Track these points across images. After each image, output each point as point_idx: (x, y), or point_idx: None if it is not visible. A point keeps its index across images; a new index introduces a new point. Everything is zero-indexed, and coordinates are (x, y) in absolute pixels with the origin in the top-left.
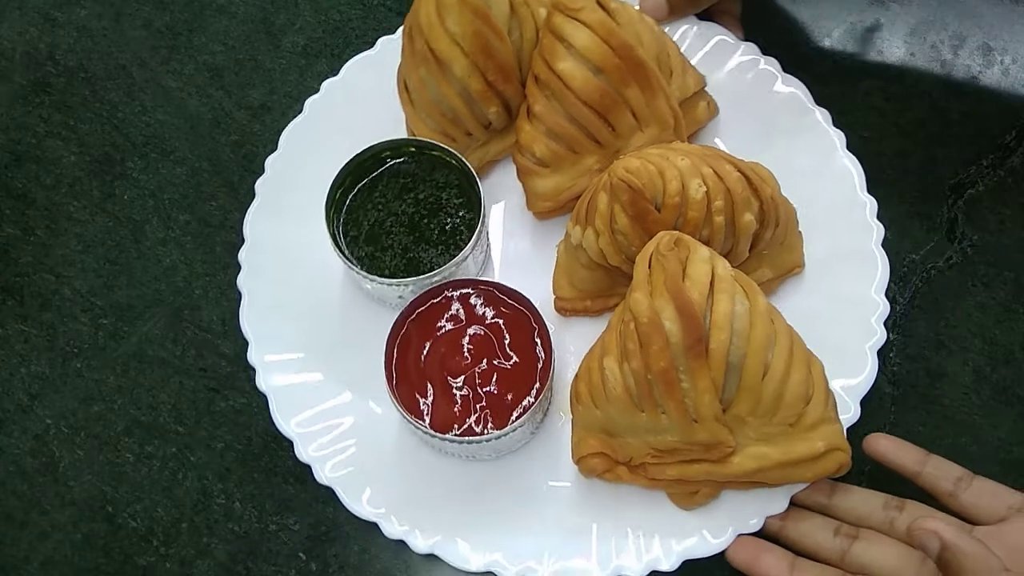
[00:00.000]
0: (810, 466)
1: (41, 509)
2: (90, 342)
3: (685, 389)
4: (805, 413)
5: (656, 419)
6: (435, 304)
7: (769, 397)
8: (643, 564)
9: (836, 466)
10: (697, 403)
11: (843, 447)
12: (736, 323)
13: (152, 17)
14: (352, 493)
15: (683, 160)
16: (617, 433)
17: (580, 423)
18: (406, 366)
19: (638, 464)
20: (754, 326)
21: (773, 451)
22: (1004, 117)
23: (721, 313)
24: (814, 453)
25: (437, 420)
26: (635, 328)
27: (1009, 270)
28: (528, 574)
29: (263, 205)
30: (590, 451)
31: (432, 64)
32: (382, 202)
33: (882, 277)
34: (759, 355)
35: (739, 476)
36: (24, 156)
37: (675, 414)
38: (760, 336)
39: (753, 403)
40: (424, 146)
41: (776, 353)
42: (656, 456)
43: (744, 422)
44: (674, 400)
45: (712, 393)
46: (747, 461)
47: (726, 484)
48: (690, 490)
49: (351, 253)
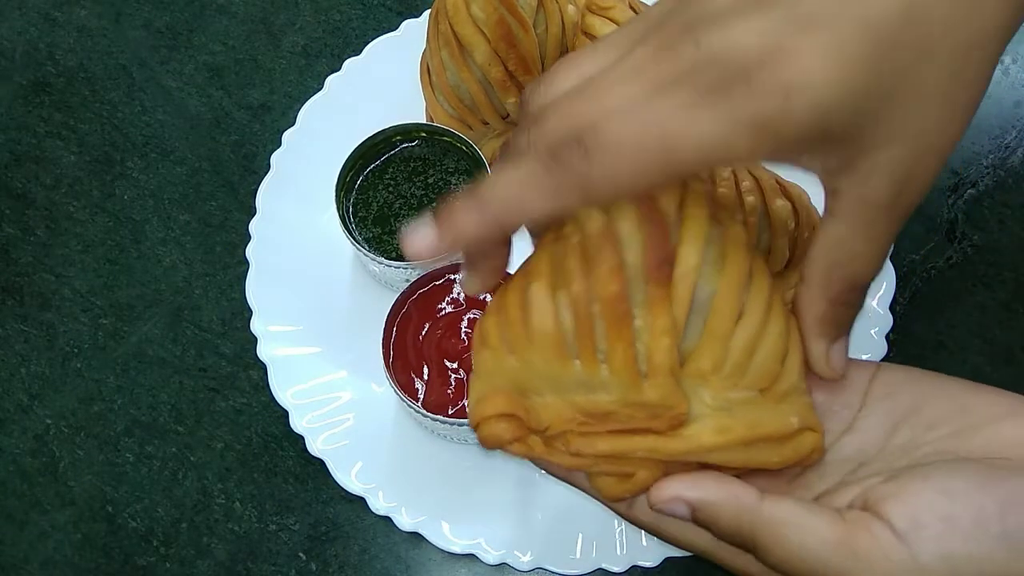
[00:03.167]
0: (777, 448)
1: (41, 509)
2: (90, 342)
3: (638, 328)
4: (780, 376)
5: (592, 370)
6: (437, 286)
7: (740, 350)
8: (626, 558)
9: (808, 450)
10: (652, 348)
11: (816, 427)
12: (708, 250)
13: (152, 17)
14: (342, 467)
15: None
16: (534, 390)
17: (484, 375)
18: (404, 345)
19: (557, 434)
20: (728, 257)
21: (737, 423)
22: (1004, 117)
23: (692, 232)
24: (786, 430)
25: (431, 401)
26: (579, 243)
27: (1009, 270)
28: (510, 560)
29: (276, 177)
30: (495, 411)
31: (454, 48)
32: (392, 184)
33: (887, 291)
34: (733, 293)
35: (691, 453)
36: (24, 156)
37: (619, 362)
38: (736, 269)
39: (719, 355)
40: (435, 131)
41: (751, 296)
42: (583, 423)
43: (705, 381)
44: (622, 341)
45: (672, 335)
46: (704, 434)
47: (670, 466)
48: (623, 471)
49: (359, 234)
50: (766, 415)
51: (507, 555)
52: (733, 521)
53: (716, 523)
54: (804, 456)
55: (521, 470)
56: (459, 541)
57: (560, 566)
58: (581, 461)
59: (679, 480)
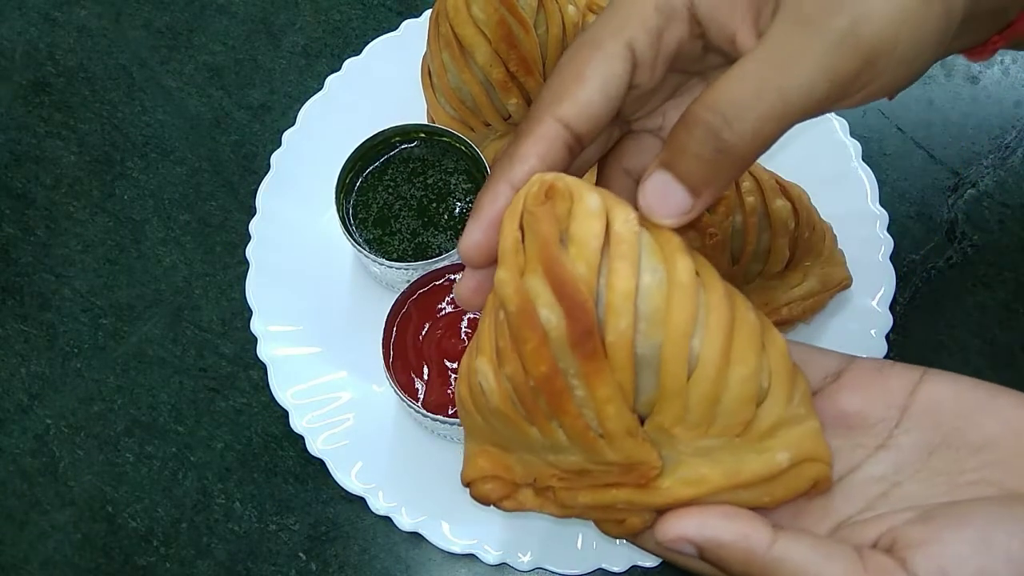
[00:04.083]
0: (768, 488)
1: (41, 509)
2: (90, 342)
3: (580, 398)
4: (757, 417)
5: (552, 435)
6: (437, 286)
7: (700, 401)
8: (625, 558)
9: (809, 483)
10: (600, 416)
11: (817, 454)
12: (644, 303)
13: (152, 17)
14: (342, 467)
15: None
16: (511, 449)
17: (469, 433)
18: (404, 345)
19: (544, 487)
20: (672, 304)
21: (713, 471)
22: (1004, 117)
23: (618, 290)
24: (772, 470)
25: (431, 401)
26: (505, 319)
27: (1010, 270)
28: (510, 560)
29: (276, 177)
30: (479, 474)
31: (455, 49)
32: (392, 186)
33: (887, 291)
34: (678, 345)
35: (671, 504)
36: (24, 156)
37: (571, 431)
38: (680, 318)
39: (678, 411)
40: (434, 132)
41: (706, 339)
42: (563, 479)
43: (671, 435)
44: (567, 415)
45: (618, 402)
46: (679, 487)
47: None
48: (613, 519)
49: (360, 236)
50: (748, 458)
51: (507, 555)
52: (744, 563)
53: (725, 564)
54: (803, 491)
55: None
56: (459, 541)
57: (560, 566)
58: (571, 511)
59: (685, 518)
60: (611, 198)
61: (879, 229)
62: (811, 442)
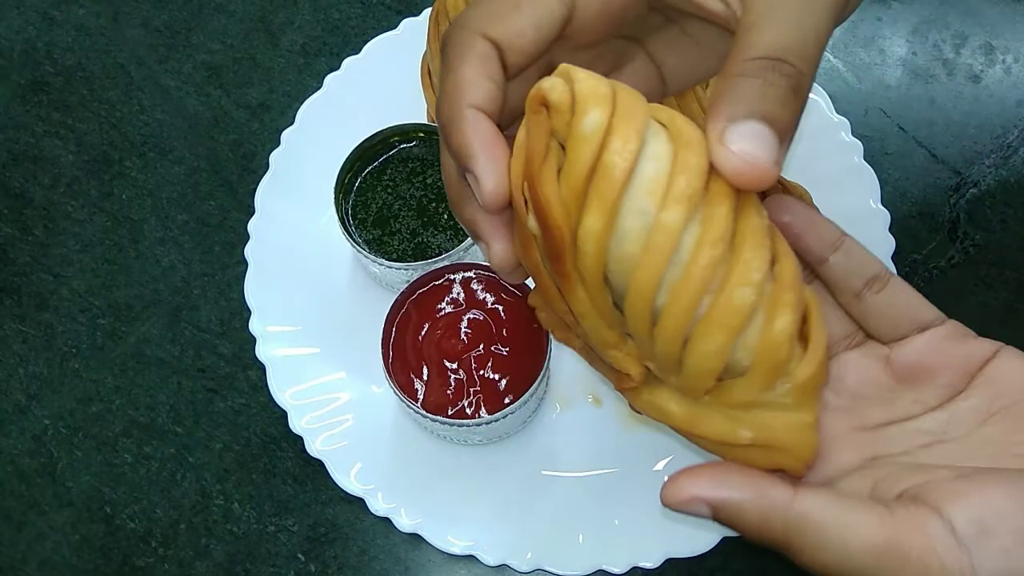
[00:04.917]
0: (726, 452)
1: (39, 510)
2: (88, 342)
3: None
4: (731, 388)
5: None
6: (436, 286)
7: (662, 355)
8: (626, 558)
9: (774, 467)
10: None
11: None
12: (618, 246)
13: (150, 16)
14: (341, 467)
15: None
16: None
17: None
18: (403, 345)
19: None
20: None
21: (678, 410)
22: (1006, 116)
23: (588, 229)
24: (730, 440)
25: (430, 401)
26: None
27: (1012, 270)
28: (510, 561)
29: (275, 176)
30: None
31: None
32: (391, 186)
33: None
34: (643, 298)
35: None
36: (22, 155)
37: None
38: (646, 276)
39: (646, 352)
40: (432, 131)
41: (672, 296)
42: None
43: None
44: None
45: (593, 317)
46: (650, 409)
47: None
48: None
49: (359, 236)
50: (714, 416)
51: (507, 556)
52: (762, 521)
53: (742, 523)
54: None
55: (521, 470)
56: (459, 542)
57: (560, 567)
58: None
59: (698, 476)
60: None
61: (881, 229)
62: (788, 434)
